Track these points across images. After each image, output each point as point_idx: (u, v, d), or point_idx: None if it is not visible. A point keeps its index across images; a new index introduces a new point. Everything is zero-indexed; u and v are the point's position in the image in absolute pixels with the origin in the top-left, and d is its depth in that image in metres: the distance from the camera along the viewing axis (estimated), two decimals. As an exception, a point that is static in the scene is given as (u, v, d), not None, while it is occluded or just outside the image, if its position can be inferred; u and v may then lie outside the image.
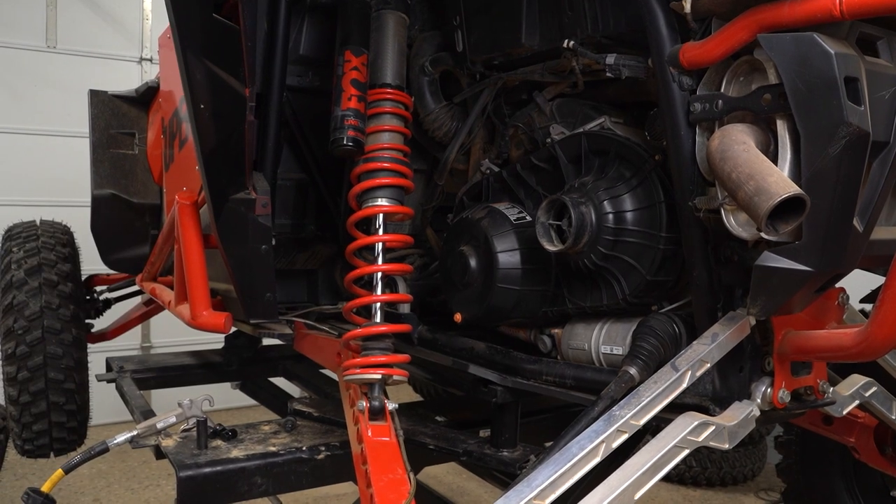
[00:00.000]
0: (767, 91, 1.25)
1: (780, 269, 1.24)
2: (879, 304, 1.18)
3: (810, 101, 1.16)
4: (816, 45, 1.15)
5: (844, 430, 2.12)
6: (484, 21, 1.83)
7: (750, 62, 1.31)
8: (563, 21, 1.63)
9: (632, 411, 1.28)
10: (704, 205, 1.37)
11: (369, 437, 1.59)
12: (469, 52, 1.91)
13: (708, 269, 1.43)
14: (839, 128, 1.13)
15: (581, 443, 1.23)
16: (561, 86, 1.78)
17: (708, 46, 1.32)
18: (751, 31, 1.24)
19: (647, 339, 1.51)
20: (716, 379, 1.47)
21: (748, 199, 1.14)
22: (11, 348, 2.89)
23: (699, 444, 1.34)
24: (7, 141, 4.82)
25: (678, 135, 1.39)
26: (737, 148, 1.19)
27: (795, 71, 1.17)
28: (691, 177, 1.39)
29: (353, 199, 1.86)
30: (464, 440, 1.90)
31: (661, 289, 1.60)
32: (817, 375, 1.53)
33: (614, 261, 1.59)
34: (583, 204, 1.58)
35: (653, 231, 1.54)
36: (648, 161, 1.56)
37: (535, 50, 1.72)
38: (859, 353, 1.25)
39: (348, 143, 1.77)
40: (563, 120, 1.79)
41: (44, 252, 3.10)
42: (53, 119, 4.93)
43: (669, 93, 1.39)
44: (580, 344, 1.72)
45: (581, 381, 1.65)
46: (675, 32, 1.39)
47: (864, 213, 1.24)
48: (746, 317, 1.39)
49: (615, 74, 1.50)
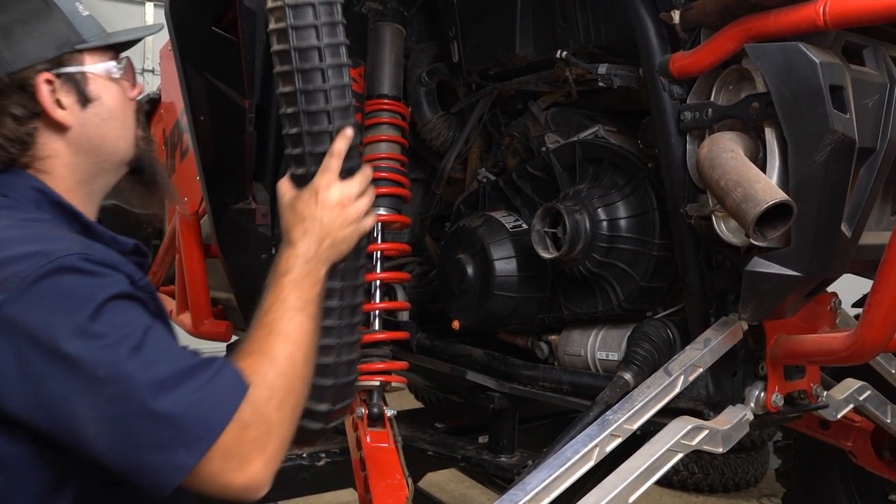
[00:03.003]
0: (755, 99, 1.27)
1: (769, 275, 1.26)
2: (867, 307, 1.20)
3: (796, 109, 1.19)
4: (802, 55, 1.17)
5: (841, 435, 2.13)
6: (479, 32, 1.86)
7: (739, 71, 1.34)
8: (557, 32, 1.66)
9: (625, 415, 1.30)
10: (696, 211, 1.39)
11: (368, 443, 1.61)
12: (465, 63, 1.93)
13: (700, 275, 1.45)
14: (824, 135, 1.15)
15: (575, 447, 1.25)
16: (555, 95, 1.80)
17: (697, 56, 1.34)
18: (738, 40, 1.26)
19: (642, 345, 1.53)
20: (710, 383, 1.49)
21: (736, 205, 1.16)
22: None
23: (693, 447, 1.36)
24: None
25: (669, 143, 1.41)
26: (725, 156, 1.22)
27: (782, 80, 1.20)
28: (683, 184, 1.41)
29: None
30: (462, 446, 1.92)
31: (655, 295, 1.62)
32: (811, 379, 1.55)
33: (609, 267, 1.61)
34: (577, 212, 1.60)
35: (646, 238, 1.56)
36: (641, 169, 1.59)
37: (529, 60, 1.75)
38: (849, 356, 1.27)
39: (345, 154, 1.79)
40: (558, 129, 1.81)
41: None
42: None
43: (660, 102, 1.41)
44: (576, 350, 1.74)
45: (577, 386, 1.67)
46: (665, 42, 1.41)
47: (851, 218, 1.27)
48: (738, 322, 1.41)
49: (607, 84, 1.53)
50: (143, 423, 0.94)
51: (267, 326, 1.10)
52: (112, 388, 0.93)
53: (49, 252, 0.97)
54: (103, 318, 0.96)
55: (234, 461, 0.97)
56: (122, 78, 1.23)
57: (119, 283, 1.01)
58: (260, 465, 0.99)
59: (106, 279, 1.00)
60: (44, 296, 0.95)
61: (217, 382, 0.98)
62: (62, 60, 1.15)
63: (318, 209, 1.19)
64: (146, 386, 0.93)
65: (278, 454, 1.03)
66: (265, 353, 1.07)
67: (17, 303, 0.94)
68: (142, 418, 0.93)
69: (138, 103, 1.28)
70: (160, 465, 0.94)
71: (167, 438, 0.94)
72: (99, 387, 0.93)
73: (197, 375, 0.97)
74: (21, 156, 1.13)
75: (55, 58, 1.14)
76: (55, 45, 1.15)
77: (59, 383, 0.94)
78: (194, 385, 0.96)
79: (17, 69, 1.11)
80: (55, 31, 1.15)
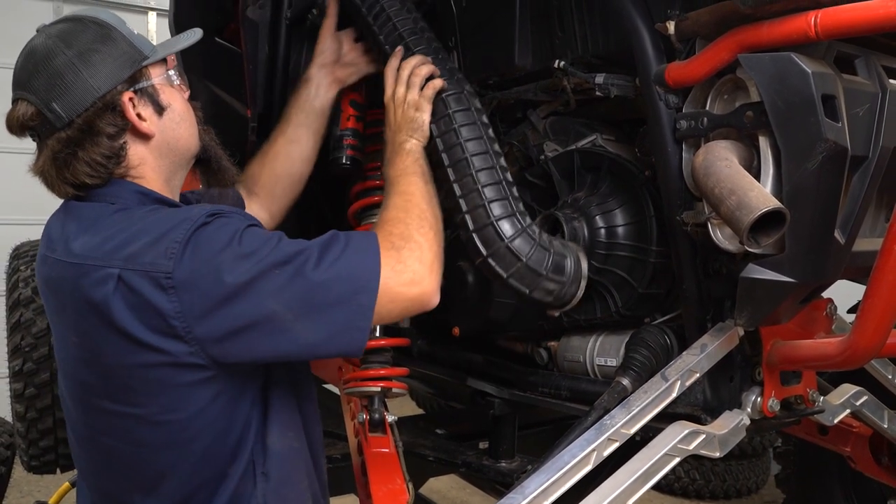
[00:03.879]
0: (749, 108, 1.29)
1: (764, 281, 1.28)
2: (860, 313, 1.21)
3: (789, 118, 1.20)
4: (794, 65, 1.19)
5: (840, 440, 2.15)
6: (479, 43, 1.88)
7: (733, 80, 1.35)
8: (555, 42, 1.68)
9: (622, 420, 1.32)
10: (692, 219, 1.41)
11: (369, 448, 1.63)
12: (465, 72, 1.95)
13: (697, 282, 1.47)
14: (817, 143, 1.17)
15: (573, 451, 1.26)
16: (554, 104, 1.82)
17: (692, 66, 1.36)
18: (732, 51, 1.28)
19: (640, 351, 1.55)
20: (707, 389, 1.51)
21: (730, 213, 1.18)
22: (19, 365, 2.93)
23: (690, 452, 1.37)
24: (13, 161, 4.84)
25: (665, 151, 1.43)
26: (719, 164, 1.24)
27: (775, 89, 1.22)
28: (679, 192, 1.43)
29: (351, 216, 1.91)
30: (463, 451, 1.94)
31: (653, 301, 1.63)
32: (807, 385, 1.56)
33: (607, 274, 1.63)
34: (575, 219, 1.62)
35: (644, 245, 1.58)
36: (639, 177, 1.61)
37: (527, 70, 1.77)
38: (843, 361, 1.29)
39: (346, 163, 1.82)
40: (557, 137, 1.83)
41: (51, 270, 3.16)
42: (60, 139, 4.98)
43: (656, 111, 1.43)
44: (575, 356, 1.75)
45: (576, 392, 1.69)
46: (660, 53, 1.43)
47: (845, 225, 1.28)
48: (734, 327, 1.43)
49: (604, 93, 1.55)
50: (325, 291, 1.18)
51: (390, 190, 1.45)
52: (287, 281, 1.17)
53: (190, 217, 1.20)
54: (247, 241, 1.19)
55: (405, 275, 1.24)
56: (180, 82, 1.40)
57: (244, 219, 1.25)
58: (426, 274, 1.27)
59: (235, 218, 1.23)
60: (201, 248, 1.17)
61: (353, 241, 1.24)
62: (136, 77, 1.31)
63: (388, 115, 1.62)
64: (309, 268, 1.18)
65: (437, 267, 1.31)
66: (390, 205, 1.40)
67: (182, 263, 1.16)
68: (320, 288, 1.18)
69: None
70: (350, 314, 1.19)
71: (346, 291, 1.19)
72: (278, 288, 1.16)
73: (334, 245, 1.23)
74: (117, 168, 1.30)
75: (130, 76, 1.30)
76: (128, 65, 1.30)
77: (248, 308, 1.16)
78: (338, 249, 1.22)
79: (105, 92, 1.27)
80: (123, 53, 1.30)
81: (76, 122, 1.25)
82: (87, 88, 1.25)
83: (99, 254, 1.19)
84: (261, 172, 1.79)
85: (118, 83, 1.28)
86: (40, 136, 1.29)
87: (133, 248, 1.17)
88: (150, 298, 1.15)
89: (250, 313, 1.16)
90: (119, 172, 1.30)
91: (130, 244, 1.18)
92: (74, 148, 1.26)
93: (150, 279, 1.15)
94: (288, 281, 1.17)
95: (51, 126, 1.26)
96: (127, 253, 1.17)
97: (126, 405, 1.23)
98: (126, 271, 1.16)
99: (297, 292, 1.17)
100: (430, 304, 1.29)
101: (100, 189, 1.29)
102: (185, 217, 1.20)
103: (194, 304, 1.15)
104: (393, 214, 1.36)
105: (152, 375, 1.19)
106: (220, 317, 1.16)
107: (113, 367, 1.21)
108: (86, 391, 1.27)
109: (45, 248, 1.30)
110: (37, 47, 1.29)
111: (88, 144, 1.26)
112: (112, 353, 1.20)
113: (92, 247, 1.21)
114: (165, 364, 1.18)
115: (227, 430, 1.26)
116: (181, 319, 1.15)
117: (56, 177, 1.29)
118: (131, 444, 1.25)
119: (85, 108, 1.25)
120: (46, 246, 1.30)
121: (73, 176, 1.27)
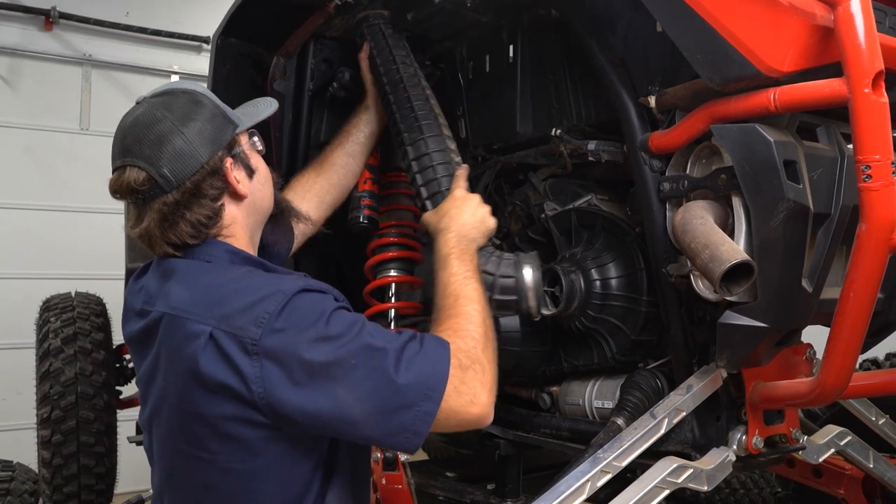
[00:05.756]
0: (723, 172, 1.44)
1: (740, 326, 1.42)
2: (825, 356, 1.34)
3: (756, 180, 1.35)
4: (758, 135, 1.35)
5: (834, 483, 2.23)
6: (484, 112, 2.07)
7: (709, 147, 1.51)
8: (552, 112, 1.86)
9: (614, 454, 1.44)
10: (676, 271, 1.56)
11: (383, 484, 1.75)
12: (471, 138, 2.14)
13: (682, 328, 1.61)
14: (779, 203, 1.31)
15: (569, 481, 1.39)
16: (552, 167, 1.98)
17: (672, 135, 1.52)
18: (706, 121, 1.44)
19: (633, 393, 1.68)
20: (695, 428, 1.63)
21: (704, 265, 1.32)
22: (47, 412, 3.05)
23: (679, 485, 1.49)
24: (45, 218, 5.07)
25: (651, 210, 1.58)
26: (695, 221, 1.39)
27: (743, 156, 1.37)
28: (664, 246, 1.57)
29: (368, 270, 2.07)
30: (471, 492, 2.05)
31: (645, 347, 1.77)
32: (790, 424, 1.68)
33: (602, 322, 1.76)
34: (573, 272, 1.76)
35: (635, 295, 1.72)
36: (630, 233, 1.76)
37: (528, 136, 1.94)
38: (814, 399, 1.41)
39: (364, 221, 1.98)
40: (556, 197, 1.99)
41: (79, 322, 3.29)
42: (87, 197, 5.12)
43: (642, 174, 1.59)
44: (575, 400, 1.88)
45: (575, 432, 1.81)
46: (644, 122, 1.59)
47: (812, 275, 1.42)
48: (718, 370, 1.56)
49: (596, 158, 1.72)
50: (395, 393, 1.22)
51: (452, 295, 1.43)
52: (363, 376, 1.22)
53: (283, 290, 1.25)
54: (334, 323, 1.24)
55: (465, 396, 1.26)
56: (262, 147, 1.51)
57: (332, 298, 1.31)
58: (485, 397, 1.29)
59: (325, 297, 1.30)
60: (289, 322, 1.23)
61: (427, 347, 1.27)
62: (231, 144, 1.40)
63: (457, 202, 1.61)
64: (387, 366, 1.22)
65: (494, 387, 1.32)
66: (459, 314, 1.39)
67: (271, 334, 1.22)
68: (391, 389, 1.22)
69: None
70: (413, 419, 1.23)
71: (413, 397, 1.22)
72: (353, 379, 1.21)
73: (411, 346, 1.26)
74: (212, 227, 1.38)
75: (227, 143, 1.39)
76: (223, 131, 1.39)
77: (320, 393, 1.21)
78: (412, 352, 1.25)
79: (209, 157, 1.36)
80: (214, 116, 1.39)
81: (185, 186, 1.33)
82: (193, 154, 1.33)
83: (197, 308, 1.26)
84: (315, 181, 1.90)
85: (219, 149, 1.37)
86: (145, 200, 1.34)
87: (227, 309, 1.24)
88: (235, 359, 1.21)
89: (322, 398, 1.21)
90: (213, 232, 1.38)
91: (224, 304, 1.25)
92: (183, 210, 1.33)
93: (238, 342, 1.21)
94: (364, 376, 1.21)
95: (159, 190, 1.32)
96: (221, 313, 1.24)
97: (199, 449, 1.29)
98: (217, 330, 1.23)
99: (370, 388, 1.21)
100: (484, 423, 1.31)
101: (195, 248, 1.37)
102: (277, 289, 1.25)
103: (273, 374, 1.21)
104: (463, 325, 1.36)
105: (226, 427, 1.25)
106: (292, 393, 1.21)
107: (191, 413, 1.27)
108: (169, 433, 1.34)
109: (141, 303, 1.38)
110: (140, 116, 1.36)
111: (195, 206, 1.34)
112: (192, 401, 1.26)
113: (190, 300, 1.28)
114: (238, 419, 1.24)
115: (289, 482, 1.30)
116: (258, 384, 1.21)
117: (160, 237, 1.35)
118: (201, 487, 1.32)
119: (192, 172, 1.33)
120: (144, 301, 1.37)
121: (177, 236, 1.34)
